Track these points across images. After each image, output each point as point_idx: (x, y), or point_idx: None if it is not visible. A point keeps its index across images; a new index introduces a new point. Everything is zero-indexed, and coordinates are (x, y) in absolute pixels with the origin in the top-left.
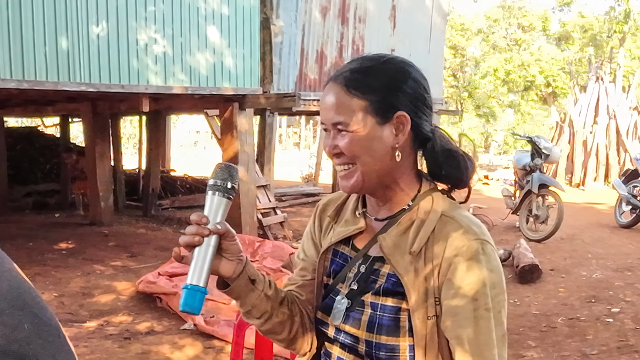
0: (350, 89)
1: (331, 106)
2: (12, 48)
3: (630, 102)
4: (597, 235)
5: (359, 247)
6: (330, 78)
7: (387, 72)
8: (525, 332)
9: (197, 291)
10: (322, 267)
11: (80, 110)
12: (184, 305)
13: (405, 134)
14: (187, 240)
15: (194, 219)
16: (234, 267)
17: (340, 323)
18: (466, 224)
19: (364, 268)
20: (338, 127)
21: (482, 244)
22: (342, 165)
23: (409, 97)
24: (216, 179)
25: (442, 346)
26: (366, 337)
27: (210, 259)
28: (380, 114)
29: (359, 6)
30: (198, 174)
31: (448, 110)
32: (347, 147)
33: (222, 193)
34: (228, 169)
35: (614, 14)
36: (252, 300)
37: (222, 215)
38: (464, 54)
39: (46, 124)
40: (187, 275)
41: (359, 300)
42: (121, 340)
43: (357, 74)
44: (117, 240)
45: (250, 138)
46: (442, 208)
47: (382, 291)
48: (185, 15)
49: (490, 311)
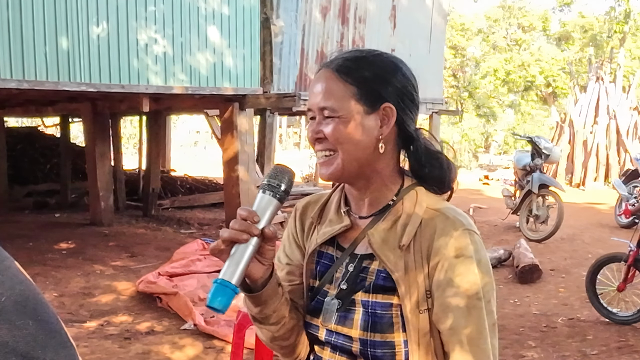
0: (341, 75)
1: (321, 91)
2: (13, 48)
3: (631, 102)
4: (597, 236)
5: (344, 246)
6: (322, 65)
7: (378, 63)
8: (525, 332)
9: (228, 288)
10: (308, 269)
11: (81, 110)
12: (212, 300)
13: (390, 126)
14: (233, 236)
15: (243, 214)
16: (264, 271)
17: (332, 324)
18: (453, 215)
19: (352, 267)
20: (324, 113)
21: (470, 235)
22: (323, 151)
23: (397, 90)
24: (271, 179)
25: (435, 339)
26: (360, 336)
27: (248, 259)
28: (368, 103)
29: (359, 6)
30: (198, 174)
31: (448, 110)
32: (331, 132)
33: (274, 194)
34: (284, 171)
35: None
36: (274, 305)
37: (270, 217)
38: (464, 54)
39: (46, 124)
40: (221, 270)
41: (350, 300)
42: (121, 340)
43: (349, 62)
44: (118, 240)
45: (251, 138)
46: (427, 202)
47: (373, 288)
48: (185, 15)
49: (482, 300)
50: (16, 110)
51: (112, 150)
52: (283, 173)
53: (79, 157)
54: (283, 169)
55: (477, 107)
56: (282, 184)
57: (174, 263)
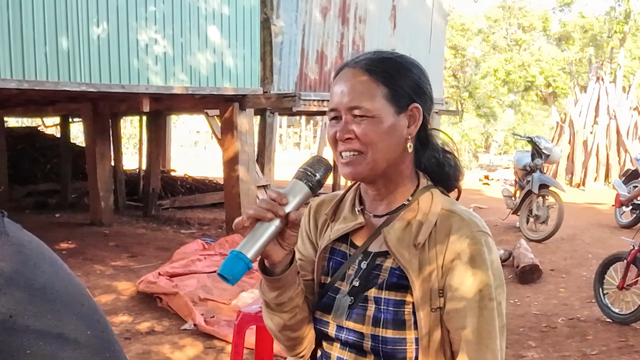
0: (372, 74)
1: (351, 90)
2: (13, 48)
3: (631, 103)
4: (597, 236)
5: (357, 244)
6: (346, 64)
7: (404, 64)
8: (525, 332)
9: (242, 260)
10: (320, 266)
11: (81, 110)
12: (223, 269)
13: (417, 126)
14: (258, 213)
15: (273, 195)
16: (284, 255)
17: (343, 320)
18: (468, 217)
19: (365, 264)
20: (354, 112)
21: (485, 237)
22: (350, 151)
23: (421, 91)
24: (308, 167)
25: (444, 338)
26: (372, 332)
27: (268, 238)
28: (398, 103)
29: (359, 6)
30: (198, 174)
31: (448, 111)
32: (364, 132)
33: (308, 182)
34: (322, 162)
35: (614, 14)
36: (291, 292)
37: (299, 203)
38: (464, 54)
39: (46, 124)
40: (240, 243)
41: (362, 297)
42: (121, 340)
43: (377, 62)
44: (118, 240)
45: (251, 138)
46: (442, 203)
47: (386, 285)
48: (185, 16)
49: (493, 301)
50: (16, 110)
51: (112, 151)
52: (320, 163)
53: (79, 157)
54: (321, 160)
55: (477, 107)
56: (317, 174)
57: (174, 263)
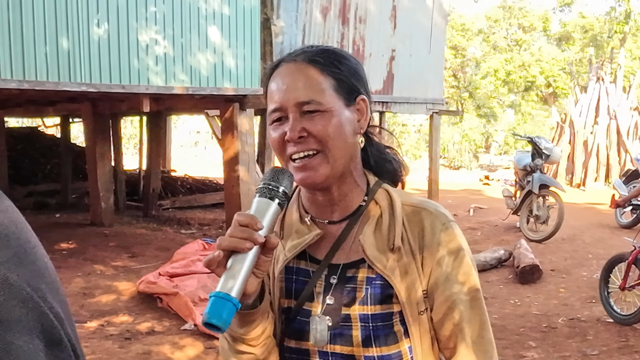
0: (317, 65)
1: (296, 85)
2: (13, 48)
3: (631, 103)
4: (597, 236)
5: (318, 257)
6: (282, 60)
7: (345, 56)
8: (525, 333)
9: (229, 301)
10: (277, 288)
11: (81, 111)
12: (210, 315)
13: (367, 119)
14: (235, 244)
15: (244, 220)
16: (257, 284)
17: (326, 344)
18: (434, 209)
19: (335, 279)
20: (304, 108)
21: (455, 226)
22: (304, 152)
23: (364, 83)
24: (269, 180)
25: (433, 338)
26: (365, 354)
27: (248, 270)
28: (346, 96)
29: (360, 6)
30: (199, 174)
31: (449, 111)
32: (320, 129)
33: (274, 197)
34: (283, 172)
35: (614, 14)
36: (265, 323)
37: (271, 224)
38: (464, 54)
39: (47, 124)
40: (218, 283)
41: (343, 316)
42: (122, 341)
43: (319, 53)
44: (118, 241)
45: (251, 138)
46: (401, 198)
47: (371, 300)
48: (186, 16)
49: (479, 291)
50: (16, 110)
51: (113, 151)
52: (281, 174)
53: (80, 157)
54: (281, 170)
55: (478, 108)
56: (281, 186)
57: (174, 263)
